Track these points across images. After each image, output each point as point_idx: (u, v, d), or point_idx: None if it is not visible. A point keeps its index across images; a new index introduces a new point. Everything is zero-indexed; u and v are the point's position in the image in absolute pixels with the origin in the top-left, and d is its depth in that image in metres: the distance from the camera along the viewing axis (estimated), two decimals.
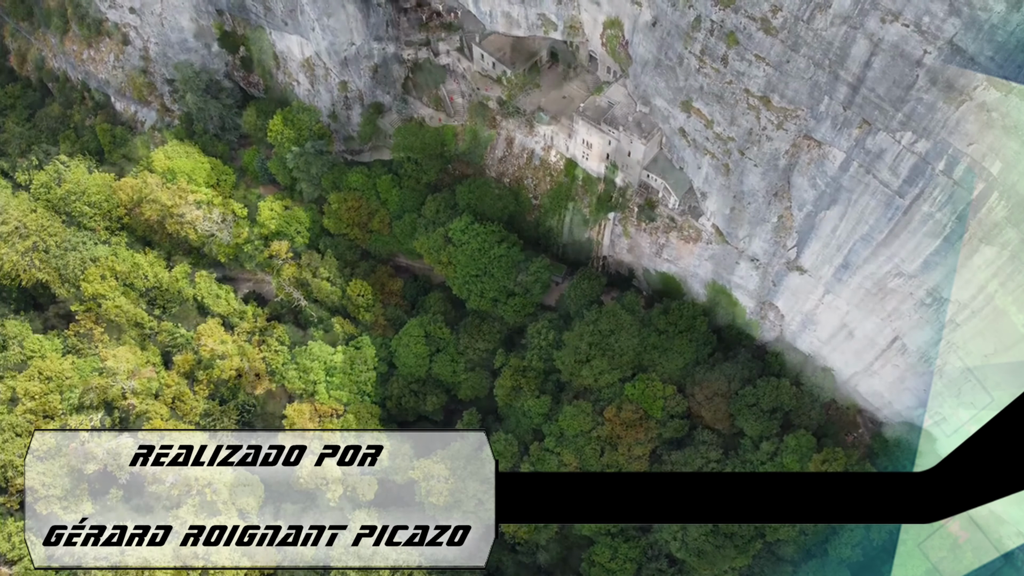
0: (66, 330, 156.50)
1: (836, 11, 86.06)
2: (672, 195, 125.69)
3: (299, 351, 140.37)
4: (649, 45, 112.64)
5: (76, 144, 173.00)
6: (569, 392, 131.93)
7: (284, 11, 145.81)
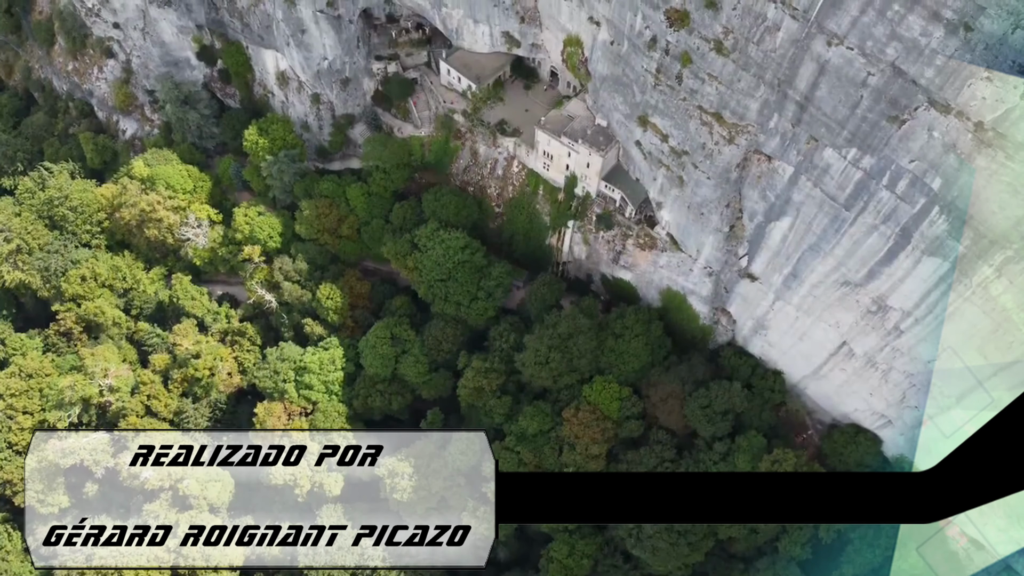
0: (47, 329, 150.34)
1: (784, 34, 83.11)
2: (629, 205, 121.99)
3: (270, 351, 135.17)
4: (607, 63, 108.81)
5: (60, 151, 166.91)
6: (529, 393, 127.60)
7: (260, 27, 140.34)
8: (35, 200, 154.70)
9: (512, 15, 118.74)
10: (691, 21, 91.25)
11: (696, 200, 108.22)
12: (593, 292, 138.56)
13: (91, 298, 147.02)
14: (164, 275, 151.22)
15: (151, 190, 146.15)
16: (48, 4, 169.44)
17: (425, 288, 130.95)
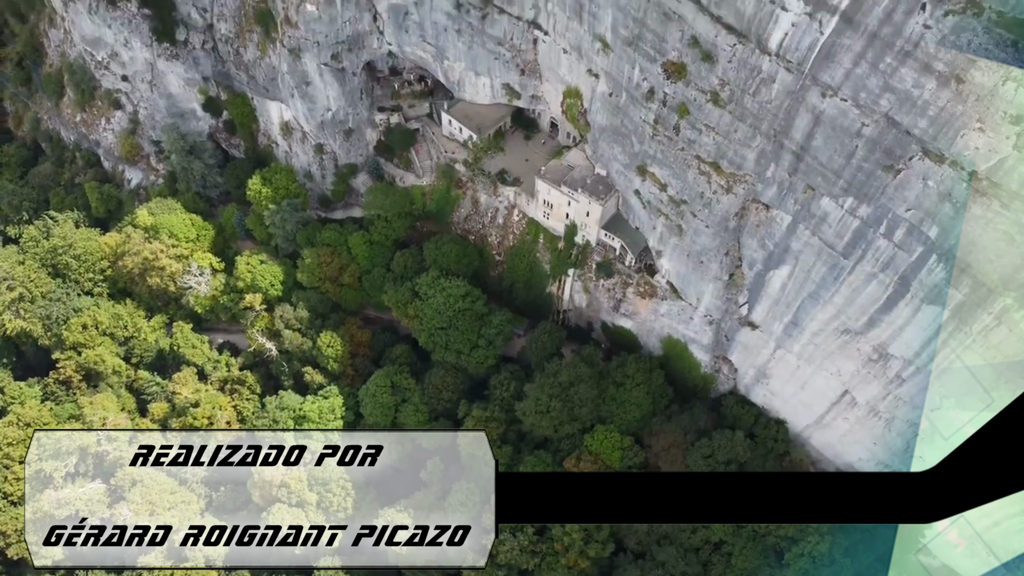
0: (46, 378, 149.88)
1: (779, 86, 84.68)
2: (629, 253, 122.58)
3: (269, 400, 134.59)
4: (606, 114, 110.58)
5: (65, 200, 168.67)
6: (530, 442, 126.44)
7: (266, 79, 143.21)
8: (39, 249, 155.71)
9: (512, 68, 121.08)
10: (688, 73, 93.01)
11: (695, 248, 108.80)
12: (594, 340, 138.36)
13: (92, 346, 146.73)
14: (165, 323, 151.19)
15: (154, 239, 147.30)
16: (58, 57, 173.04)
17: (426, 336, 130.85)
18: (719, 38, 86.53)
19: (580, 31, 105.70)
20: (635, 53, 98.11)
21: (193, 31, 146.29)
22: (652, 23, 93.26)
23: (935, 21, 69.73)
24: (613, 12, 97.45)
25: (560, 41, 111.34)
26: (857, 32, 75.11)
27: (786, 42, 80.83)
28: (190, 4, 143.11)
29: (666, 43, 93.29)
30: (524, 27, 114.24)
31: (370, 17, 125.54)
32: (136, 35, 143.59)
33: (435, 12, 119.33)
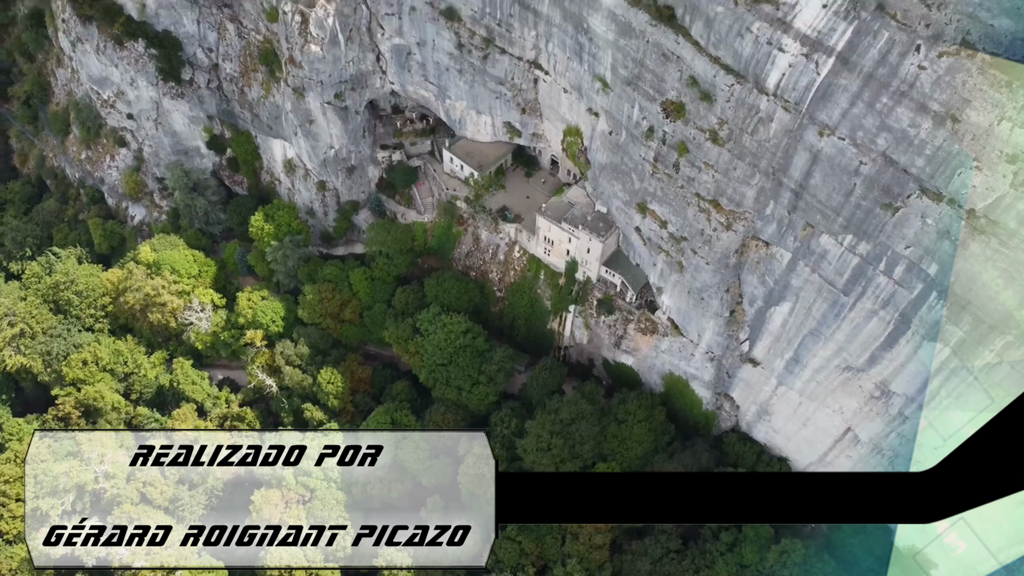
0: (44, 414, 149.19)
1: (777, 125, 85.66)
2: (629, 290, 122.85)
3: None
4: (606, 152, 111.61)
5: (69, 237, 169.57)
6: None
7: (269, 117, 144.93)
8: (41, 285, 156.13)
9: (513, 106, 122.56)
10: (687, 112, 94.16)
11: (696, 285, 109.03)
12: (595, 377, 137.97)
13: (91, 382, 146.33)
14: (165, 359, 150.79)
15: (156, 275, 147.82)
16: (65, 96, 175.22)
17: (426, 373, 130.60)
18: (717, 78, 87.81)
19: (580, 71, 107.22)
20: (634, 92, 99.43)
21: (198, 70, 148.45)
22: (651, 63, 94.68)
23: (930, 62, 70.89)
24: (612, 53, 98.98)
25: (560, 81, 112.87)
26: (853, 73, 76.28)
27: (783, 82, 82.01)
28: (196, 44, 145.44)
29: (665, 83, 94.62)
30: (525, 67, 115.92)
31: (373, 57, 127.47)
32: (142, 74, 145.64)
33: (437, 52, 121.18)
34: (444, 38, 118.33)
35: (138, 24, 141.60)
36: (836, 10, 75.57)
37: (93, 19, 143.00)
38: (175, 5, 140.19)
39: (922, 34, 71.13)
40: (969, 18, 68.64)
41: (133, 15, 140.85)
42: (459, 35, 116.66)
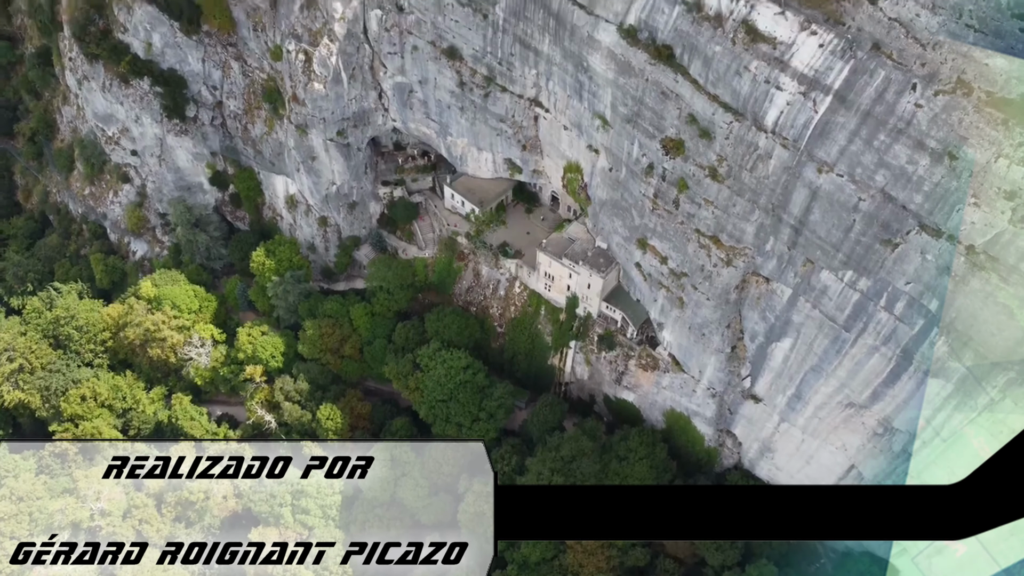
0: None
1: (776, 162, 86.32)
2: (630, 325, 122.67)
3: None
4: (606, 188, 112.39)
5: (70, 272, 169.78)
6: None
7: (272, 154, 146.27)
8: (42, 320, 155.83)
9: (514, 143, 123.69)
10: (686, 149, 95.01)
11: (697, 321, 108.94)
12: (596, 413, 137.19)
13: (89, 418, 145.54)
14: (164, 395, 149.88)
15: (157, 310, 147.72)
16: (70, 133, 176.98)
17: (426, 409, 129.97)
18: (716, 116, 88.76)
19: (580, 109, 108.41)
20: (634, 130, 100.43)
21: (203, 108, 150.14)
22: (650, 101, 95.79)
23: (926, 100, 71.75)
24: (612, 91, 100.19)
25: (561, 118, 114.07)
26: (851, 111, 77.15)
27: (782, 120, 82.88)
28: (201, 82, 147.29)
29: (664, 120, 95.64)
30: (525, 105, 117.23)
31: (375, 95, 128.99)
32: (147, 112, 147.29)
33: (439, 90, 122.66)
34: (446, 76, 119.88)
35: (144, 62, 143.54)
36: (832, 49, 76.71)
37: (100, 58, 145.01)
38: (181, 44, 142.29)
39: (918, 73, 72.12)
40: (964, 57, 69.65)
41: (139, 54, 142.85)
42: (460, 74, 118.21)
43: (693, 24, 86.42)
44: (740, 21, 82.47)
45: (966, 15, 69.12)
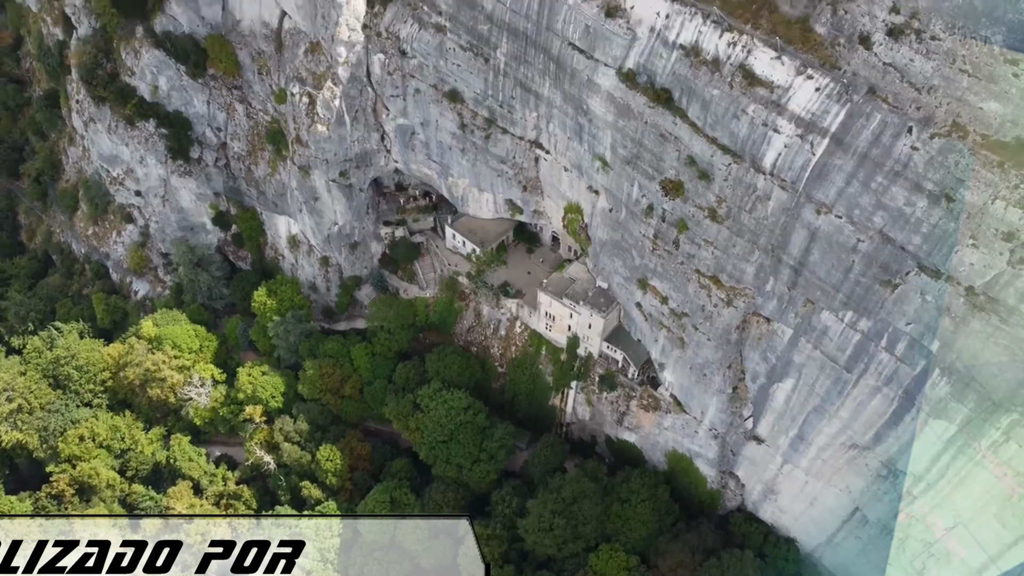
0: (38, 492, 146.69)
1: (775, 203, 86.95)
2: (631, 365, 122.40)
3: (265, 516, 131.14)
4: (606, 228, 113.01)
5: (72, 311, 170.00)
6: (532, 562, 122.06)
7: (275, 194, 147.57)
8: (42, 359, 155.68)
9: (515, 184, 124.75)
10: (685, 191, 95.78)
11: (698, 361, 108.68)
12: (598, 454, 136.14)
13: (87, 459, 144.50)
14: (163, 435, 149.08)
15: (157, 349, 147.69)
16: (75, 173, 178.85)
17: (426, 450, 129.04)
18: (715, 158, 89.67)
19: (580, 150, 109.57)
20: (634, 171, 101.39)
21: (207, 149, 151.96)
22: (649, 143, 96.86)
23: (922, 143, 72.55)
24: (612, 133, 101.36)
25: (561, 159, 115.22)
26: (848, 153, 77.96)
27: (779, 162, 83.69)
28: (205, 124, 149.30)
29: (663, 162, 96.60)
30: (526, 146, 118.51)
31: (378, 137, 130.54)
32: (152, 153, 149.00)
33: (440, 132, 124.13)
34: (447, 119, 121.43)
35: (150, 105, 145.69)
36: (828, 93, 77.81)
37: (106, 100, 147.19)
38: (187, 87, 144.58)
39: (913, 116, 73.04)
40: (958, 101, 70.62)
41: (146, 96, 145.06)
42: (462, 116, 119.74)
43: (691, 68, 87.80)
44: (737, 65, 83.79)
45: (959, 60, 70.21)
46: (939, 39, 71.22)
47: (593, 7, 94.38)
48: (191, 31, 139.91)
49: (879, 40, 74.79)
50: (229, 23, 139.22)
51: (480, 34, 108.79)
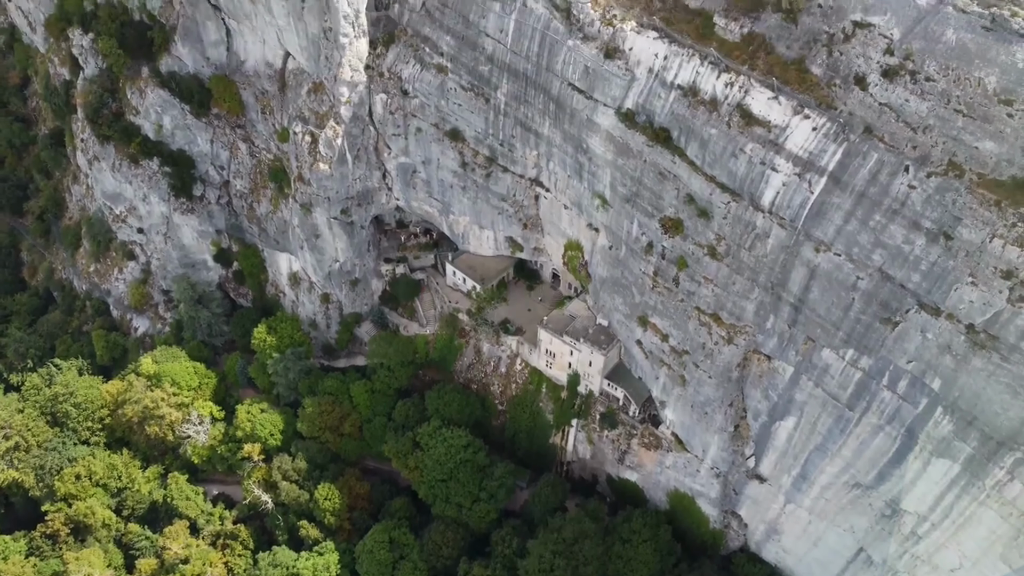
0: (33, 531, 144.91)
1: (774, 241, 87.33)
2: (632, 403, 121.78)
3: (262, 556, 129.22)
4: (606, 266, 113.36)
5: (71, 348, 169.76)
6: None
7: (277, 232, 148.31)
8: (40, 397, 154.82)
9: (515, 222, 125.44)
10: (684, 229, 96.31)
11: (699, 399, 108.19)
12: (599, 493, 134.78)
13: (83, 498, 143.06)
14: (160, 474, 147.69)
15: (156, 386, 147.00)
16: (79, 211, 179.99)
17: (426, 489, 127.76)
18: (714, 196, 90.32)
19: (580, 188, 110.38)
20: (633, 209, 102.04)
21: (209, 187, 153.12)
22: (649, 182, 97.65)
23: (919, 182, 73.19)
24: (611, 171, 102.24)
25: (561, 197, 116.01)
26: (845, 191, 78.57)
27: (778, 200, 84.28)
28: (209, 162, 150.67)
29: (663, 200, 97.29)
30: (526, 184, 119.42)
31: (379, 175, 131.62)
32: (155, 191, 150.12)
33: (442, 171, 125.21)
34: (448, 157, 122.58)
35: (154, 143, 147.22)
36: (825, 132, 78.70)
37: (111, 139, 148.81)
38: (191, 126, 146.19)
39: (910, 155, 73.80)
40: (954, 140, 71.39)
41: (150, 135, 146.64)
42: (463, 154, 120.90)
43: (689, 108, 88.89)
44: (735, 105, 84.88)
45: (954, 100, 71.14)
46: (933, 80, 72.25)
47: (592, 49, 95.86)
48: (196, 71, 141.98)
49: (874, 81, 75.87)
50: (234, 64, 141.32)
51: (481, 75, 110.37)
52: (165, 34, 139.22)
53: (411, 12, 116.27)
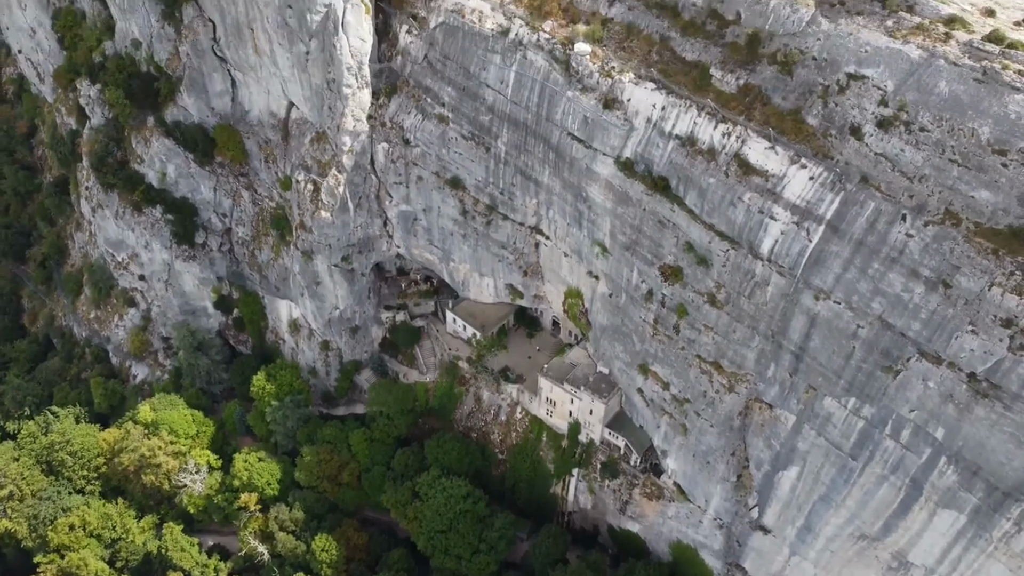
0: None
1: (773, 289, 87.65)
2: (634, 452, 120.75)
3: None
4: (607, 313, 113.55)
5: (69, 396, 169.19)
6: None
7: (277, 279, 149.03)
8: (36, 445, 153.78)
9: (515, 269, 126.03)
10: (684, 276, 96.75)
11: (701, 448, 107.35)
12: (600, 545, 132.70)
13: (76, 549, 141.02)
14: (156, 524, 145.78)
15: (154, 435, 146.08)
16: (81, 258, 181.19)
17: (425, 539, 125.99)
18: (713, 244, 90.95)
19: (580, 236, 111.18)
20: (633, 257, 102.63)
21: (211, 234, 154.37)
22: (648, 230, 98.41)
23: (916, 230, 73.73)
24: (611, 220, 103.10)
25: (561, 245, 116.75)
26: (844, 240, 79.12)
27: (777, 248, 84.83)
28: (211, 210, 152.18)
29: (662, 248, 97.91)
30: (526, 232, 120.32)
31: (380, 222, 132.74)
32: (157, 238, 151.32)
33: (442, 218, 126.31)
34: (449, 205, 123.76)
35: (157, 191, 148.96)
36: (822, 182, 79.60)
37: (115, 187, 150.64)
38: (194, 174, 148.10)
39: (906, 204, 74.50)
40: (950, 190, 72.16)
41: (153, 183, 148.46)
42: (463, 202, 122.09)
43: (687, 158, 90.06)
44: (732, 155, 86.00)
45: (949, 150, 72.10)
46: (928, 130, 73.33)
47: (591, 99, 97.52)
48: (200, 121, 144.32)
49: (869, 131, 77.00)
50: (238, 113, 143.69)
51: (481, 124, 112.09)
52: (171, 85, 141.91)
53: (413, 64, 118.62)
